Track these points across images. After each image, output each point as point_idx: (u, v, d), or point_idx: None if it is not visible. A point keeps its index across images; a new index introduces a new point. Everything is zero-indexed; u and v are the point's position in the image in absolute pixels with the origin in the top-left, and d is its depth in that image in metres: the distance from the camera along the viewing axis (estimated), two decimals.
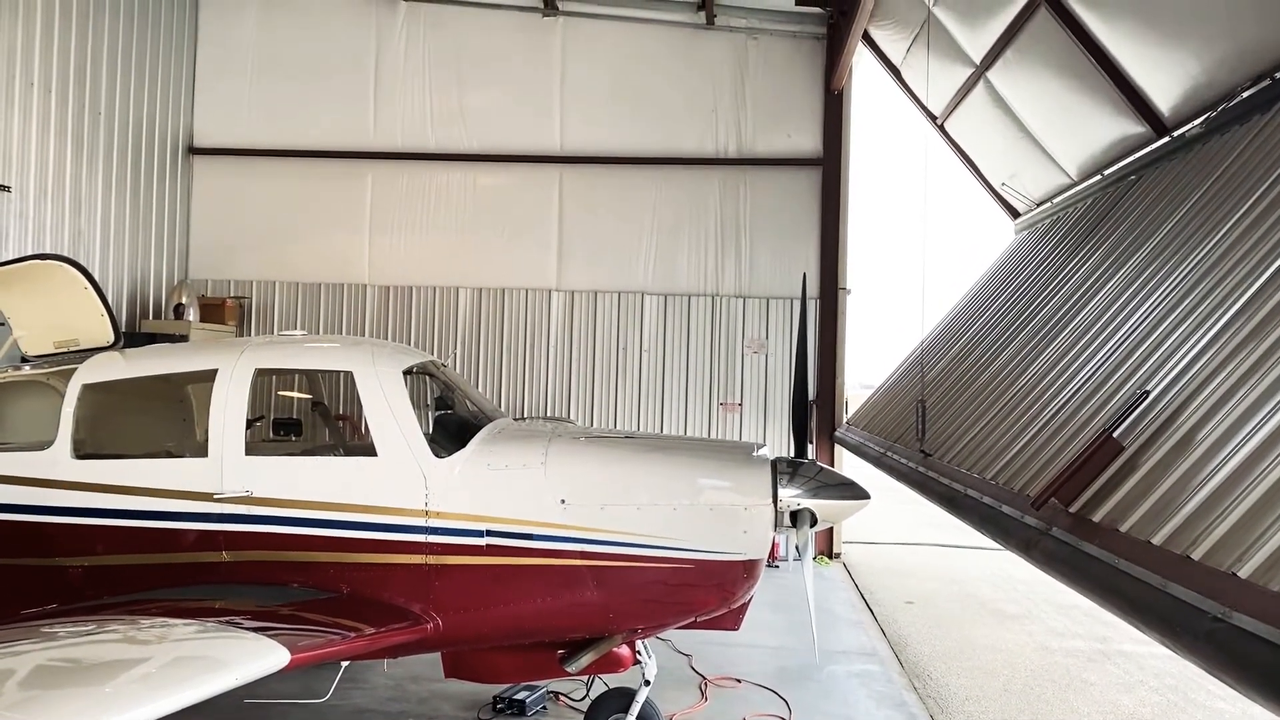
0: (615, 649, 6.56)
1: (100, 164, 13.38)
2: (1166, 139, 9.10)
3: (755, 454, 6.53)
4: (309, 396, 8.98)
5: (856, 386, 16.56)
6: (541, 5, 15.13)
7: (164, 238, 14.97)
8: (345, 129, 15.42)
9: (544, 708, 7.87)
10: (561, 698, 8.03)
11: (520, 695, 7.70)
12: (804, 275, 9.16)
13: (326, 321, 15.33)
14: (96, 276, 7.69)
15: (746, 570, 6.22)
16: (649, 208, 15.11)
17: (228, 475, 6.28)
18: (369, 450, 6.35)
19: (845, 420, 14.83)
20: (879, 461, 10.87)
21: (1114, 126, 9.83)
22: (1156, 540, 4.37)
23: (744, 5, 14.82)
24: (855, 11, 12.45)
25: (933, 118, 14.64)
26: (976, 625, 11.94)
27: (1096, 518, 5.02)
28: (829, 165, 14.94)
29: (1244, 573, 3.65)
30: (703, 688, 8.49)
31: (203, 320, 14.23)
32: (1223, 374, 5.10)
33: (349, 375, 6.60)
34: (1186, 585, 3.87)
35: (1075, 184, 11.60)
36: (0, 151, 11.49)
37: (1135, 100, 9.16)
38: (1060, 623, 12.00)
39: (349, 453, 7.41)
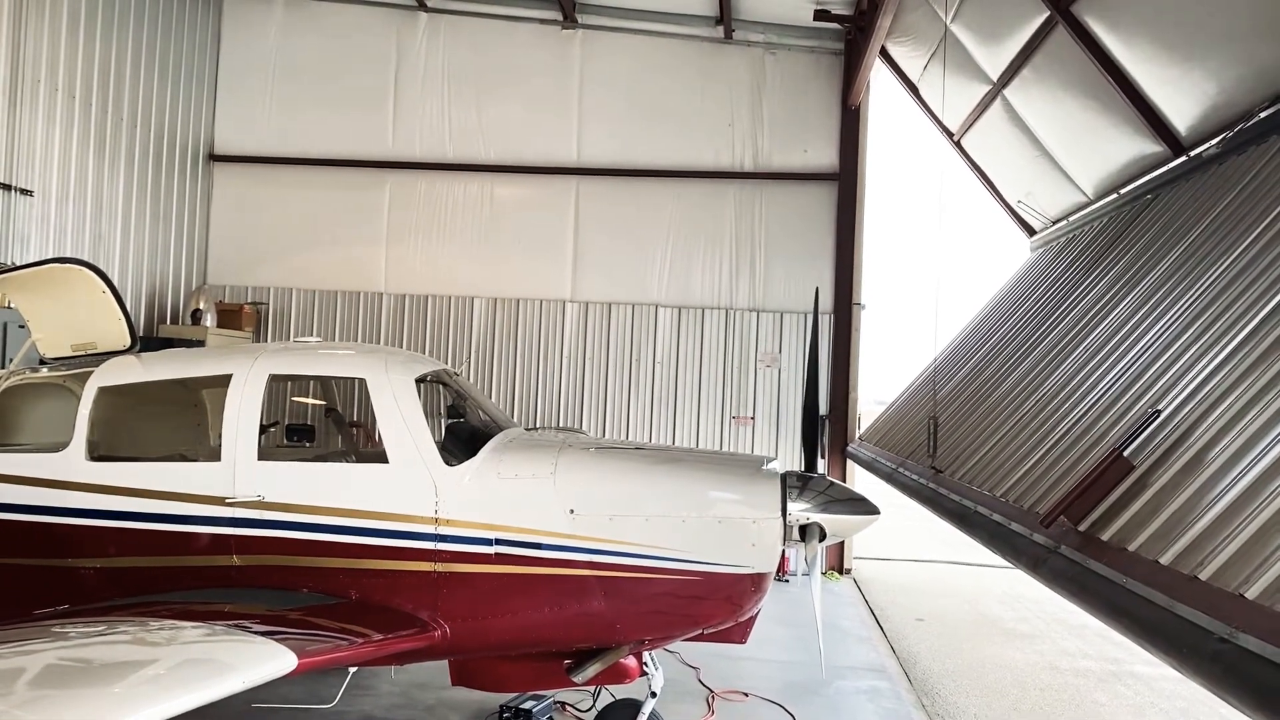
0: (622, 660, 6.56)
1: (121, 169, 13.51)
2: (1183, 159, 9.07)
3: (765, 467, 6.54)
4: (322, 403, 9.04)
5: (870, 402, 16.52)
6: (560, 18, 15.23)
7: (183, 243, 15.11)
8: (364, 138, 15.54)
9: (550, 718, 7.87)
10: (568, 708, 8.03)
11: (527, 704, 7.70)
12: (816, 290, 9.17)
13: (342, 329, 15.41)
14: (115, 281, 7.78)
15: (755, 583, 6.23)
16: (664, 220, 15.14)
17: (240, 480, 6.33)
18: (381, 457, 6.39)
19: (857, 435, 14.81)
20: (890, 477, 10.84)
21: (1130, 145, 9.81)
22: (1164, 560, 4.35)
23: (762, 20, 14.87)
24: (873, 28, 12.47)
25: (949, 134, 14.64)
26: (986, 643, 11.88)
27: (1105, 536, 5.01)
28: (845, 180, 14.94)
29: (1251, 594, 3.64)
30: (710, 701, 8.48)
31: (220, 326, 14.33)
32: (1234, 394, 5.08)
33: (362, 382, 6.65)
34: (1193, 605, 3.85)
35: (1091, 202, 11.57)
36: (24, 155, 11.62)
37: (1152, 119, 9.15)
38: (1071, 643, 11.93)
39: (361, 459, 7.46)
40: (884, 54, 14.50)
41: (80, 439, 6.63)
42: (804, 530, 6.19)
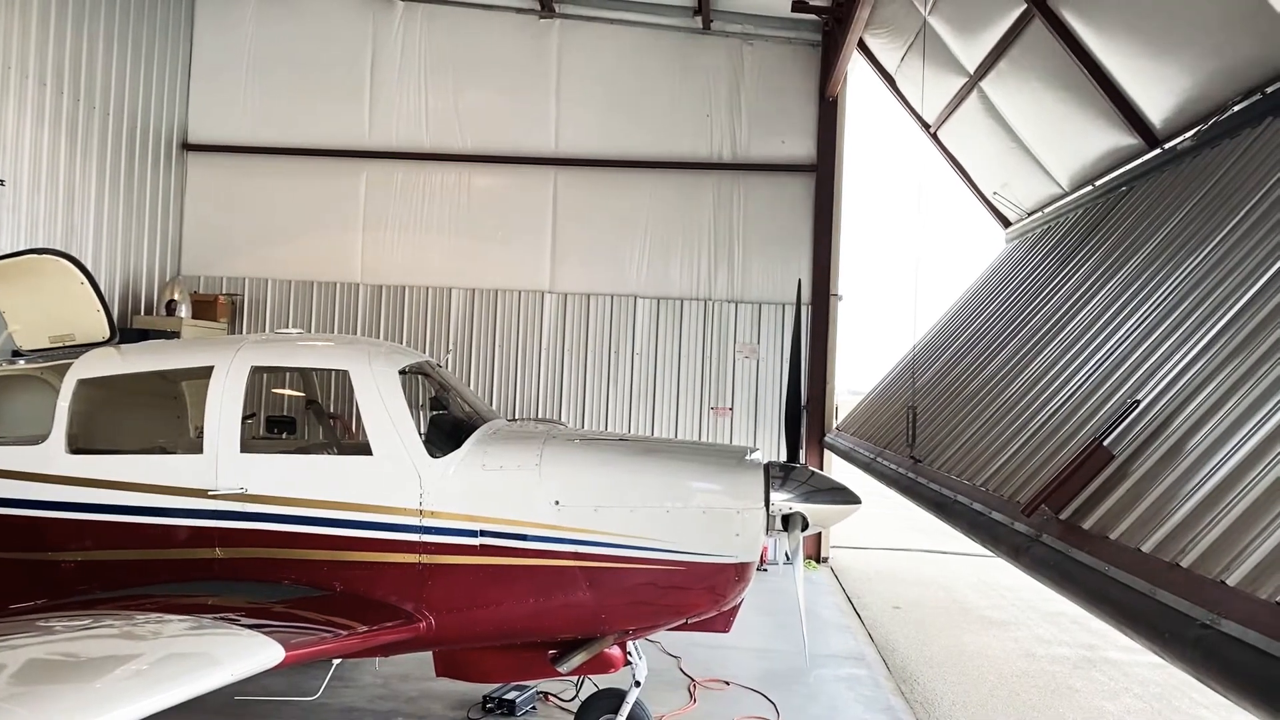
0: (606, 650, 6.60)
1: (94, 158, 13.34)
2: (1158, 151, 9.17)
3: (748, 458, 6.58)
4: (301, 394, 9.00)
5: (844, 393, 16.61)
6: (538, 7, 15.16)
7: (157, 234, 14.94)
8: (340, 127, 15.41)
9: (534, 708, 7.89)
10: (551, 698, 8.05)
11: (510, 695, 7.72)
12: (799, 282, 9.21)
13: (319, 320, 15.30)
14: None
15: (738, 573, 6.28)
16: (643, 211, 15.14)
17: (223, 472, 6.30)
18: (364, 449, 6.38)
19: (835, 426, 14.89)
20: (868, 467, 10.91)
21: (1106, 138, 9.90)
22: (1146, 548, 4.42)
23: (740, 10, 14.87)
24: (851, 19, 12.50)
25: (926, 126, 14.71)
26: (963, 631, 12.01)
27: (1086, 525, 5.08)
28: (822, 172, 15.00)
29: (1232, 580, 3.71)
30: (691, 689, 8.53)
31: (195, 317, 14.20)
32: (1212, 384, 5.16)
33: (345, 374, 6.62)
34: (1175, 592, 3.92)
35: (1067, 194, 11.67)
36: None
37: (1127, 112, 9.24)
38: (1046, 630, 12.08)
39: (344, 451, 7.44)
40: (862, 46, 14.54)
41: (60, 432, 6.56)
42: (786, 520, 6.25)
